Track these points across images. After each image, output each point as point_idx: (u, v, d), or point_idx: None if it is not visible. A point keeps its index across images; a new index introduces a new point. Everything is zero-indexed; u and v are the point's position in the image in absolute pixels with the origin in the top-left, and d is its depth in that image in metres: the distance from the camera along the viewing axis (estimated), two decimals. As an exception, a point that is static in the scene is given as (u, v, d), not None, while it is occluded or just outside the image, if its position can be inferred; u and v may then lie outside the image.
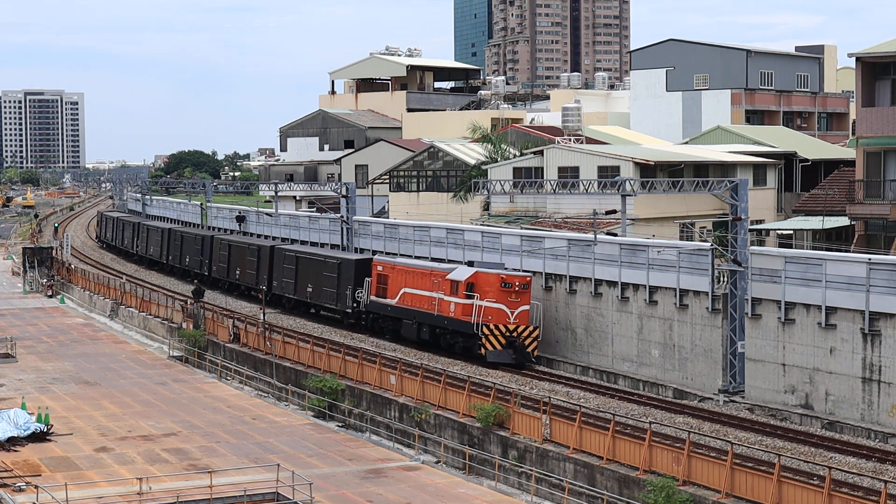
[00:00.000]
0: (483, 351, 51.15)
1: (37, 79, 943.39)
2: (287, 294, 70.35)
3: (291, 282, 69.34)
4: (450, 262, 60.05)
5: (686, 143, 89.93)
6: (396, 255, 65.84)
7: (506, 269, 53.93)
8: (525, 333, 51.59)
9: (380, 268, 60.00)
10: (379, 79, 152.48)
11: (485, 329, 51.19)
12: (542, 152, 71.12)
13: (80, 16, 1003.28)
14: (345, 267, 63.07)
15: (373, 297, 60.11)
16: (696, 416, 41.15)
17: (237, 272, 79.17)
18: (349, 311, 62.36)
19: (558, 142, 76.42)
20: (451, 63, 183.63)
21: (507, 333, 51.31)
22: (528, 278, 52.74)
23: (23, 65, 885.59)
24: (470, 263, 54.59)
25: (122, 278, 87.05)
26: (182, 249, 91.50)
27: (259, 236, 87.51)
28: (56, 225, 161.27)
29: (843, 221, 58.67)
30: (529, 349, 51.68)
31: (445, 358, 53.03)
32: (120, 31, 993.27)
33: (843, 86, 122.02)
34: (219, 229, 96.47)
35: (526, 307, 52.13)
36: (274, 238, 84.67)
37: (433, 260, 62.30)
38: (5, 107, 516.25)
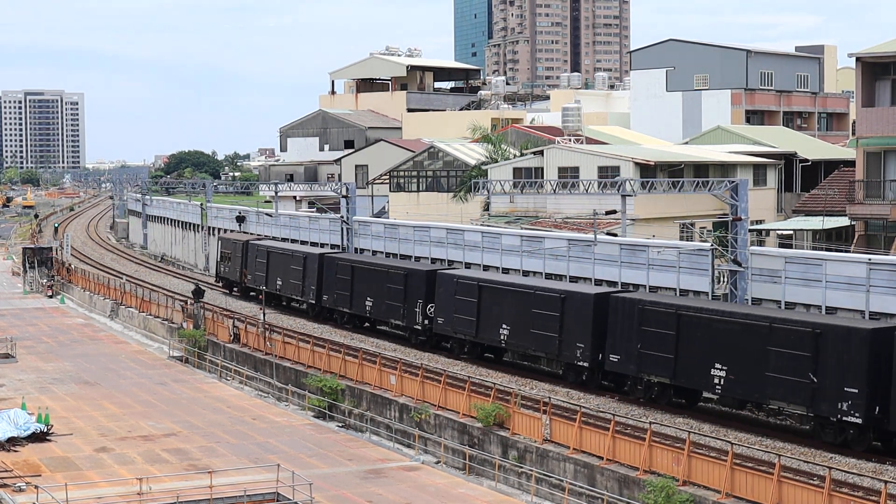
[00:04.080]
0: None
1: (37, 79, 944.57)
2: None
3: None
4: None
5: (686, 143, 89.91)
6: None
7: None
8: None
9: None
10: (379, 79, 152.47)
11: None
12: (542, 152, 71.11)
13: (80, 16, 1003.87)
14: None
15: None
16: (696, 416, 41.09)
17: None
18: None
19: (558, 142, 76.40)
20: (451, 63, 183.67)
21: None
22: None
23: (23, 65, 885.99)
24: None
25: (122, 278, 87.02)
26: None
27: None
28: (56, 225, 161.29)
29: (843, 221, 58.65)
30: None
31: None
32: (120, 31, 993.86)
33: (843, 86, 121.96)
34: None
35: None
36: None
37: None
38: (5, 107, 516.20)
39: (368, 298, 59.91)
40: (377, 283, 59.19)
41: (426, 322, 54.91)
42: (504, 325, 48.93)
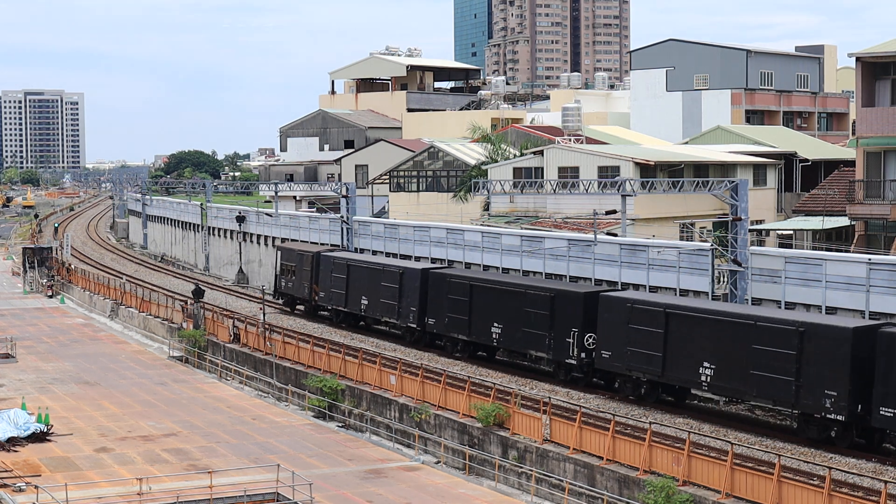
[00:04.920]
0: None
1: (37, 79, 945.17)
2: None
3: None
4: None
5: (686, 143, 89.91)
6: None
7: None
8: None
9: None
10: (379, 79, 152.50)
11: None
12: (542, 152, 71.10)
13: (80, 16, 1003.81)
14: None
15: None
16: (696, 416, 41.09)
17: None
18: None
19: (558, 142, 76.40)
20: (451, 63, 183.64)
21: None
22: None
23: (23, 65, 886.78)
24: None
25: (122, 278, 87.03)
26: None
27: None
28: (56, 225, 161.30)
29: (843, 221, 58.64)
30: None
31: (445, 358, 52.96)
32: (120, 31, 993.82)
33: (843, 86, 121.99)
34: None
35: None
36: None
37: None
38: (5, 107, 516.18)
39: (496, 324, 50.07)
40: (510, 305, 49.30)
41: (583, 356, 45.70)
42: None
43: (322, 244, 75.02)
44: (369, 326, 62.48)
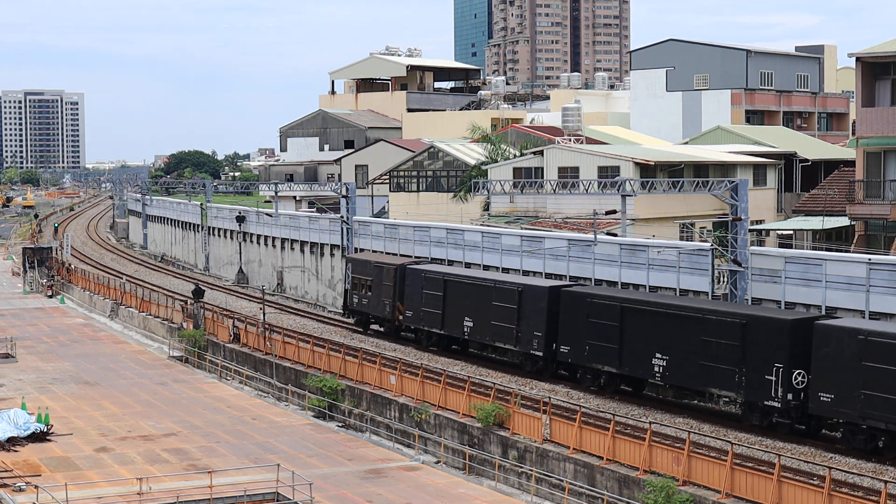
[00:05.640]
0: None
1: (37, 79, 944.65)
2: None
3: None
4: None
5: (686, 143, 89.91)
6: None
7: None
8: None
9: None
10: (379, 79, 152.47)
11: None
12: (542, 152, 71.11)
13: (80, 16, 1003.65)
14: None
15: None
16: (695, 416, 41.10)
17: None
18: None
19: (558, 142, 76.41)
20: (451, 63, 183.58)
21: None
22: None
23: (23, 65, 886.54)
24: None
25: (122, 278, 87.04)
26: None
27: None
28: (56, 225, 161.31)
29: (843, 221, 58.64)
30: None
31: (445, 358, 52.93)
32: (120, 31, 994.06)
33: (843, 86, 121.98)
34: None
35: None
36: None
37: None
38: (5, 107, 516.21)
39: (659, 355, 41.99)
40: (681, 332, 41.05)
41: (790, 398, 37.25)
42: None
43: (404, 255, 65.40)
44: (467, 350, 54.50)
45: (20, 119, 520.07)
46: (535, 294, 48.06)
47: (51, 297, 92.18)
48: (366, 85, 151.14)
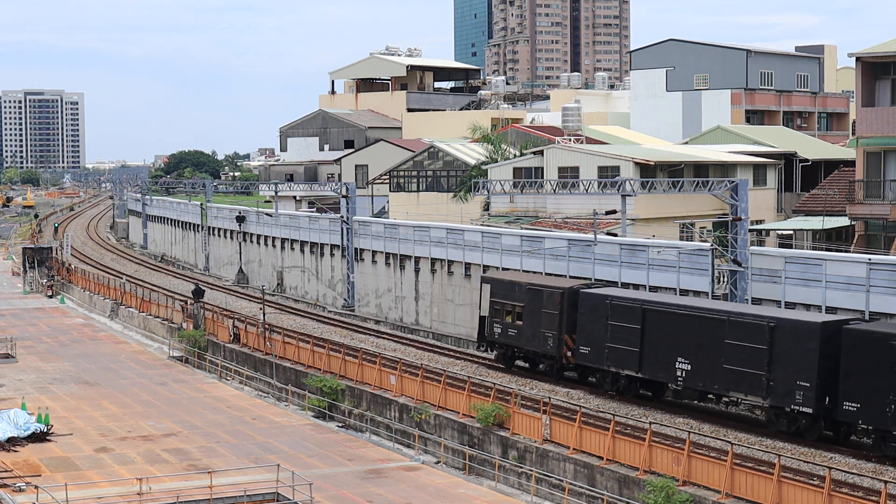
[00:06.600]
0: None
1: (37, 79, 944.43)
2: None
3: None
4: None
5: (686, 143, 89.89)
6: None
7: None
8: None
9: None
10: (379, 79, 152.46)
11: None
12: (542, 152, 71.10)
13: (80, 16, 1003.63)
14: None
15: None
16: (695, 416, 41.09)
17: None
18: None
19: (558, 142, 76.40)
20: (451, 63, 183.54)
21: None
22: None
23: (23, 65, 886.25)
24: None
25: (122, 278, 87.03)
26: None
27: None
28: (56, 225, 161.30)
29: (843, 221, 58.65)
30: None
31: (445, 357, 52.90)
32: (120, 31, 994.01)
33: (843, 86, 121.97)
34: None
35: None
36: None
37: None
38: (5, 107, 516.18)
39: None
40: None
41: None
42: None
43: (572, 277, 53.81)
44: (680, 400, 43.24)
45: (20, 119, 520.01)
46: (799, 331, 37.07)
47: (51, 297, 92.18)
48: (366, 85, 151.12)
